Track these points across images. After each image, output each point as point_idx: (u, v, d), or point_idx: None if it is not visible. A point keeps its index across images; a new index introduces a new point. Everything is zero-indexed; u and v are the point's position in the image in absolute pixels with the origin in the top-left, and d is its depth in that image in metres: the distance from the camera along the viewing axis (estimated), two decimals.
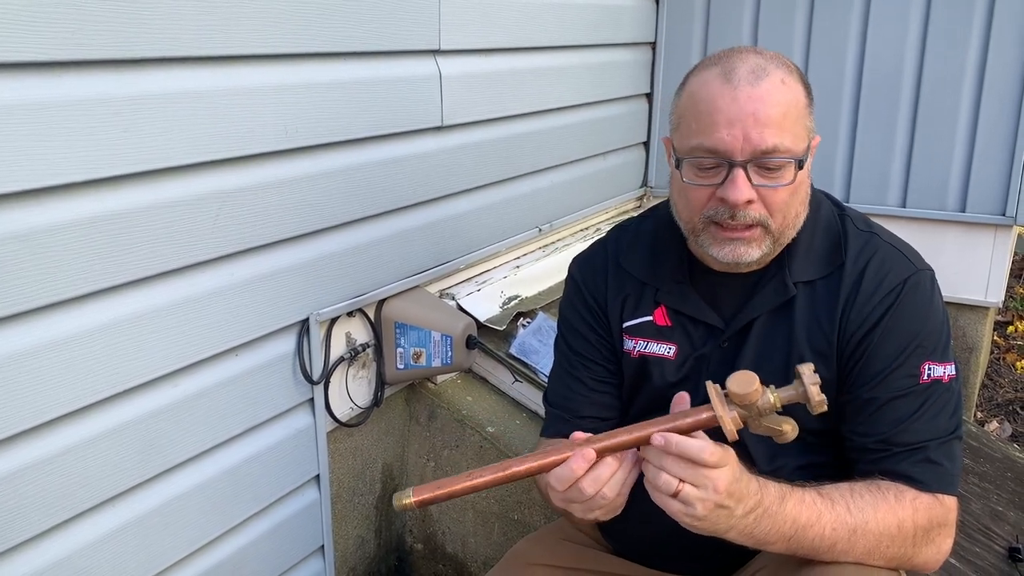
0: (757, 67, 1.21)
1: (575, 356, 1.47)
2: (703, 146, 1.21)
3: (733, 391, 1.08)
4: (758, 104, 1.18)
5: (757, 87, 1.19)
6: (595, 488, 1.11)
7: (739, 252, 1.25)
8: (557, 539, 1.51)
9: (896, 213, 2.78)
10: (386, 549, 2.28)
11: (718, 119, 1.19)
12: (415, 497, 1.10)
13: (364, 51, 1.82)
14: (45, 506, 1.35)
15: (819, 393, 1.07)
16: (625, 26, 2.85)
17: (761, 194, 1.22)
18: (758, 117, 1.18)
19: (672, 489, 1.07)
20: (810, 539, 1.16)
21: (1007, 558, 2.08)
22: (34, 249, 1.26)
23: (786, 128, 1.20)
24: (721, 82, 1.21)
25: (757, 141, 1.18)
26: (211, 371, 1.61)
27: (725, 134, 1.19)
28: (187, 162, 1.47)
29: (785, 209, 1.25)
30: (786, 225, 1.27)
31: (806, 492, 1.16)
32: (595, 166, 2.85)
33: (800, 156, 1.22)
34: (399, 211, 2.00)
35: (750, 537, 1.14)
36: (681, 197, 1.30)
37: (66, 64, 1.28)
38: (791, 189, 1.23)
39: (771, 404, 1.08)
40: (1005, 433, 3.22)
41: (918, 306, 1.28)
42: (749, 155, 1.19)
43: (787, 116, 1.20)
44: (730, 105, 1.19)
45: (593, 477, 1.11)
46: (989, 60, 2.60)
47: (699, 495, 1.07)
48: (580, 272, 1.50)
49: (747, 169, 1.20)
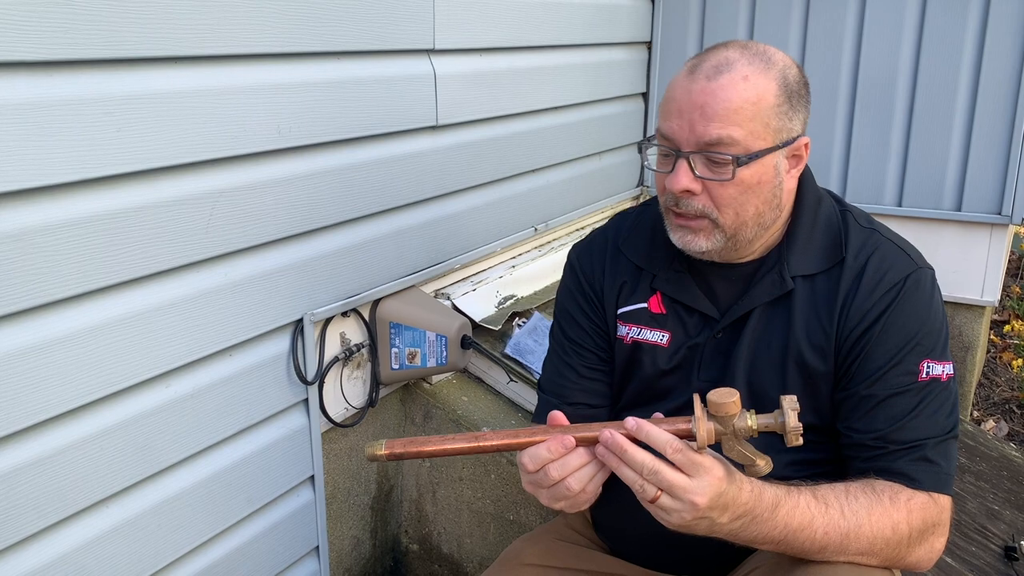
0: (724, 62, 1.23)
1: (568, 342, 1.47)
2: (660, 130, 1.27)
3: (711, 399, 1.08)
4: (708, 97, 1.21)
5: (713, 81, 1.21)
6: (560, 474, 1.12)
7: (687, 240, 1.29)
8: (552, 539, 1.51)
9: (892, 212, 2.78)
10: (382, 550, 2.28)
11: (671, 107, 1.25)
12: (387, 450, 1.13)
13: (358, 50, 1.81)
14: (38, 507, 1.35)
15: (796, 421, 1.06)
16: (621, 25, 2.85)
17: (707, 187, 1.24)
18: (705, 110, 1.21)
19: (649, 496, 1.09)
20: (800, 541, 1.16)
21: (1003, 557, 2.08)
22: (26, 249, 1.26)
23: (736, 123, 1.20)
24: (686, 75, 1.26)
25: (701, 133, 1.21)
26: (205, 371, 1.60)
27: (675, 123, 1.23)
28: (180, 162, 1.46)
29: (735, 205, 1.25)
30: (740, 223, 1.27)
31: (801, 495, 1.16)
32: (591, 166, 2.84)
33: (750, 153, 1.22)
34: (394, 211, 2.00)
35: (736, 538, 1.15)
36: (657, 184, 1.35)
37: (58, 63, 1.27)
38: (739, 186, 1.23)
39: (747, 427, 1.07)
40: (1001, 432, 3.22)
41: (918, 304, 1.28)
42: (694, 146, 1.22)
43: (739, 112, 1.21)
44: (683, 96, 1.23)
45: (561, 463, 1.12)
46: (984, 59, 2.60)
47: (675, 506, 1.08)
48: (578, 259, 1.50)
49: (690, 160, 1.23)
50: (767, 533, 1.14)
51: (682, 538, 1.37)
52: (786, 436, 1.07)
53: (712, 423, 1.08)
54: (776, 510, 1.13)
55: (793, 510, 1.14)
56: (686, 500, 1.07)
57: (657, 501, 1.08)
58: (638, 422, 1.08)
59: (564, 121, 2.63)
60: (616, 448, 1.08)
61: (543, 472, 1.12)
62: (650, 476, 1.07)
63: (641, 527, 1.42)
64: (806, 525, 1.15)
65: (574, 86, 2.64)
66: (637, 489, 1.09)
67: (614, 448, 1.09)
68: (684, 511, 1.07)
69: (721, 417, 1.07)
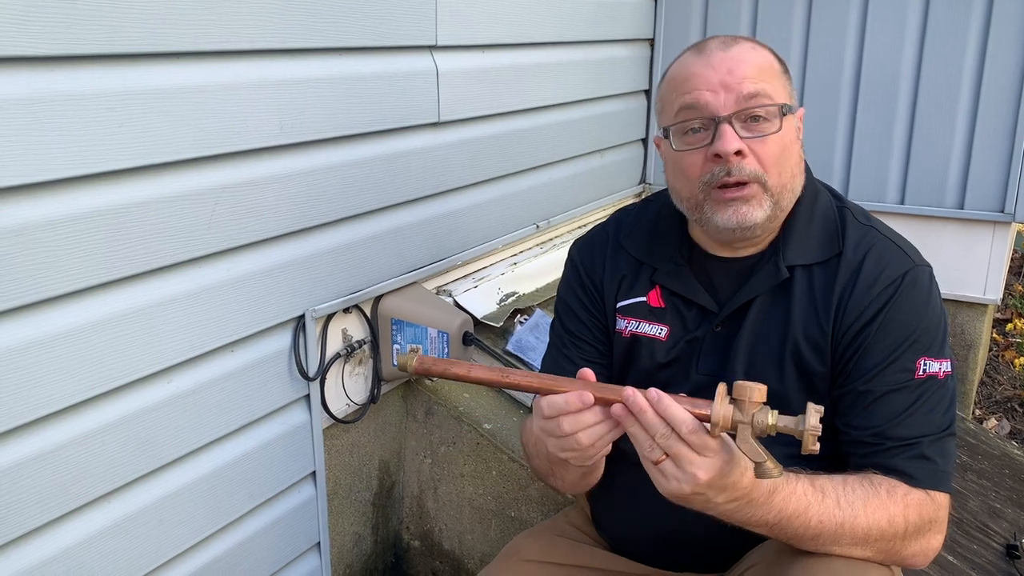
0: (727, 39, 1.29)
1: (567, 335, 1.48)
2: (685, 105, 1.26)
3: (738, 384, 1.06)
4: (732, 62, 1.25)
5: (728, 51, 1.27)
6: (572, 428, 1.11)
7: (742, 212, 1.26)
8: (553, 535, 1.51)
9: (895, 210, 2.78)
10: (383, 546, 2.28)
11: (696, 82, 1.26)
12: (416, 363, 1.17)
13: (360, 46, 1.81)
14: (40, 502, 1.35)
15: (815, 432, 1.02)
16: (623, 22, 2.85)
17: (751, 147, 1.25)
18: (735, 72, 1.24)
19: (654, 457, 1.07)
20: (794, 528, 1.16)
21: (1005, 555, 2.08)
22: (28, 244, 1.26)
23: (764, 79, 1.25)
24: (694, 56, 1.29)
25: (737, 90, 1.24)
26: (207, 367, 1.60)
27: (706, 92, 1.25)
28: (182, 157, 1.46)
29: (779, 164, 1.26)
30: (783, 184, 1.28)
31: (799, 483, 1.16)
32: (593, 163, 2.84)
33: (783, 104, 1.26)
34: (396, 207, 2.00)
35: (730, 519, 1.14)
36: (677, 173, 1.32)
37: (60, 58, 1.27)
38: (780, 141, 1.26)
39: (767, 423, 1.05)
40: (1003, 430, 3.22)
41: (916, 301, 1.28)
42: (733, 107, 1.24)
43: (763, 70, 1.26)
44: (705, 68, 1.26)
45: (575, 418, 1.11)
46: (988, 56, 2.59)
47: (676, 475, 1.07)
48: (579, 253, 1.51)
49: (732, 123, 1.24)
50: (761, 516, 1.14)
51: (681, 535, 1.37)
52: (804, 442, 1.04)
53: (731, 409, 1.06)
54: (772, 496, 1.13)
55: (789, 497, 1.14)
56: (688, 472, 1.06)
57: (660, 464, 1.07)
58: (659, 394, 1.07)
59: (566, 118, 2.63)
60: (636, 408, 1.07)
61: (556, 422, 1.11)
62: (661, 440, 1.06)
63: (641, 525, 1.42)
64: (801, 512, 1.15)
65: (576, 83, 2.64)
66: (645, 448, 1.07)
67: (633, 407, 1.07)
68: (684, 482, 1.06)
69: (743, 403, 1.05)
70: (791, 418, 1.05)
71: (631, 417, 1.08)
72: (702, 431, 1.06)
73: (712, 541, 1.35)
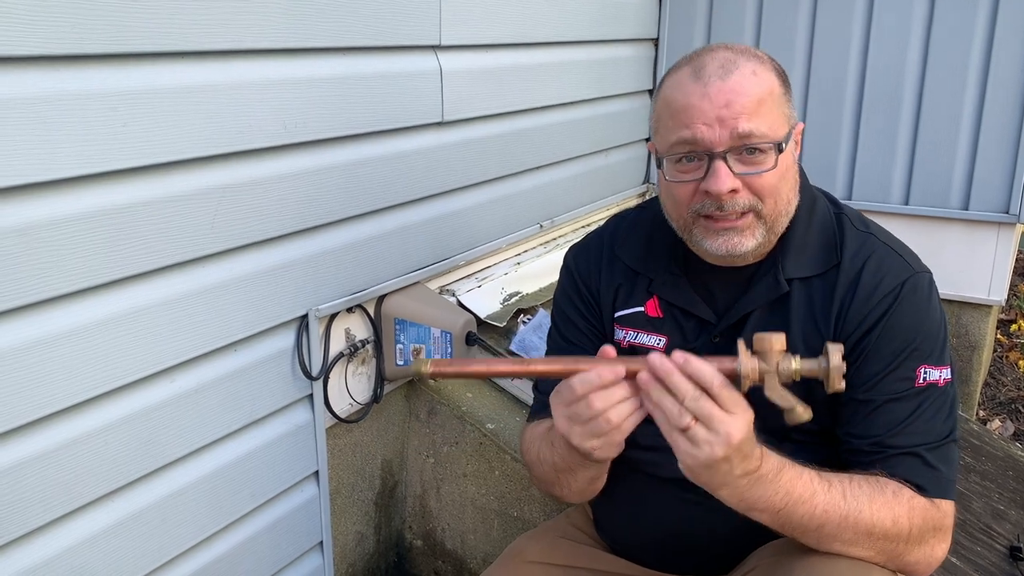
0: (726, 61, 1.23)
1: (564, 343, 1.47)
2: (681, 138, 1.23)
3: (757, 338, 1.08)
4: (729, 95, 1.20)
5: (727, 80, 1.21)
6: (604, 404, 1.09)
7: (732, 243, 1.25)
8: (555, 537, 1.51)
9: (899, 211, 2.77)
10: (385, 545, 2.28)
11: (692, 113, 1.21)
12: (432, 368, 1.15)
13: (364, 46, 1.81)
14: (43, 501, 1.35)
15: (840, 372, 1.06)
16: (628, 22, 2.84)
17: (746, 182, 1.22)
18: (732, 107, 1.20)
19: (683, 423, 1.06)
20: (799, 515, 1.15)
21: (1008, 557, 2.08)
22: (32, 244, 1.26)
23: (761, 115, 1.21)
24: (692, 80, 1.23)
25: (733, 128, 1.20)
26: (210, 367, 1.60)
27: (701, 127, 1.21)
28: (186, 157, 1.47)
29: (775, 193, 1.25)
30: (778, 211, 1.27)
31: (805, 470, 1.16)
32: (597, 162, 2.84)
33: (779, 140, 1.23)
34: (399, 207, 2.00)
35: (741, 500, 1.13)
36: (668, 197, 1.31)
37: (65, 58, 1.27)
38: (776, 174, 1.23)
39: (792, 368, 1.07)
40: (1007, 432, 3.21)
41: (916, 309, 1.27)
42: (727, 144, 1.21)
43: (761, 103, 1.21)
44: (702, 100, 1.21)
45: (607, 393, 1.10)
46: (993, 57, 2.59)
47: (708, 438, 1.05)
48: (575, 261, 1.50)
49: (727, 159, 1.21)
50: (769, 497, 1.12)
51: (682, 537, 1.37)
52: (828, 379, 1.07)
53: (756, 361, 1.08)
54: (780, 474, 1.12)
55: (796, 479, 1.14)
56: (722, 432, 1.04)
57: (690, 431, 1.05)
58: (685, 355, 1.06)
59: (570, 118, 2.63)
60: (663, 371, 1.06)
61: (585, 403, 1.10)
62: (691, 403, 1.05)
63: (644, 528, 1.42)
64: (807, 498, 1.14)
65: (580, 83, 2.64)
66: (673, 416, 1.06)
67: (661, 371, 1.06)
68: (717, 444, 1.04)
69: (766, 353, 1.07)
70: (812, 360, 1.09)
71: (658, 384, 1.07)
72: (731, 386, 1.06)
73: (714, 544, 1.35)
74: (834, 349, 1.07)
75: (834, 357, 1.07)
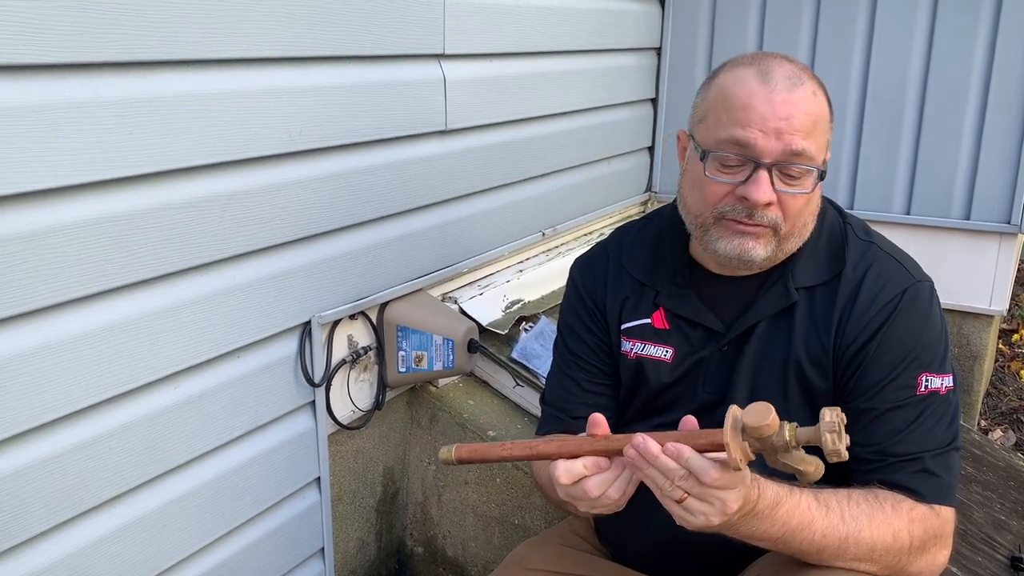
0: (793, 74, 1.22)
1: (571, 356, 1.48)
2: (733, 138, 1.21)
3: (746, 423, 1.01)
4: (792, 109, 1.20)
5: (793, 93, 1.20)
6: (600, 489, 1.11)
7: (747, 247, 1.25)
8: (556, 544, 1.51)
9: (900, 220, 2.77)
10: (387, 552, 2.28)
11: (752, 116, 1.20)
12: (456, 455, 1.19)
13: (369, 55, 1.82)
14: (46, 506, 1.36)
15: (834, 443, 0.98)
16: (630, 31, 2.86)
17: (780, 199, 1.23)
18: (792, 122, 1.19)
19: (675, 497, 1.06)
20: (798, 542, 1.15)
21: (1009, 567, 2.07)
22: (38, 250, 1.27)
23: (813, 136, 1.21)
24: (758, 81, 1.21)
25: (788, 143, 1.19)
26: (213, 373, 1.61)
27: (758, 132, 1.20)
28: (191, 164, 1.47)
29: (797, 217, 1.26)
30: (793, 233, 1.28)
31: (803, 496, 1.16)
32: (599, 171, 2.85)
33: (821, 167, 1.24)
34: (402, 215, 2.00)
35: (737, 533, 1.13)
36: (695, 190, 1.29)
37: (72, 66, 1.28)
38: (808, 198, 1.25)
39: (786, 442, 1.00)
40: (1009, 442, 3.21)
41: (916, 317, 1.27)
42: (777, 157, 1.20)
43: (816, 126, 1.22)
44: (765, 105, 1.20)
45: (600, 479, 1.11)
46: (995, 67, 2.59)
47: (703, 509, 1.05)
48: (580, 274, 1.50)
49: (771, 171, 1.21)
50: (766, 530, 1.13)
51: (683, 546, 1.37)
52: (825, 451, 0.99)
53: (747, 442, 1.02)
54: (776, 508, 1.12)
55: (793, 510, 1.14)
56: (717, 504, 1.04)
57: (684, 502, 1.06)
58: (678, 448, 1.04)
59: (573, 126, 2.63)
60: (649, 455, 1.05)
61: (580, 487, 1.11)
62: (681, 482, 1.04)
63: (645, 535, 1.42)
64: (805, 526, 1.14)
65: (583, 91, 2.65)
66: (665, 489, 1.06)
67: (647, 455, 1.06)
68: (712, 513, 1.05)
69: (757, 428, 1.00)
70: (808, 428, 1.01)
71: (644, 461, 1.07)
72: (724, 471, 1.03)
73: (716, 550, 1.35)
74: (828, 412, 0.99)
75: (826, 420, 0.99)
